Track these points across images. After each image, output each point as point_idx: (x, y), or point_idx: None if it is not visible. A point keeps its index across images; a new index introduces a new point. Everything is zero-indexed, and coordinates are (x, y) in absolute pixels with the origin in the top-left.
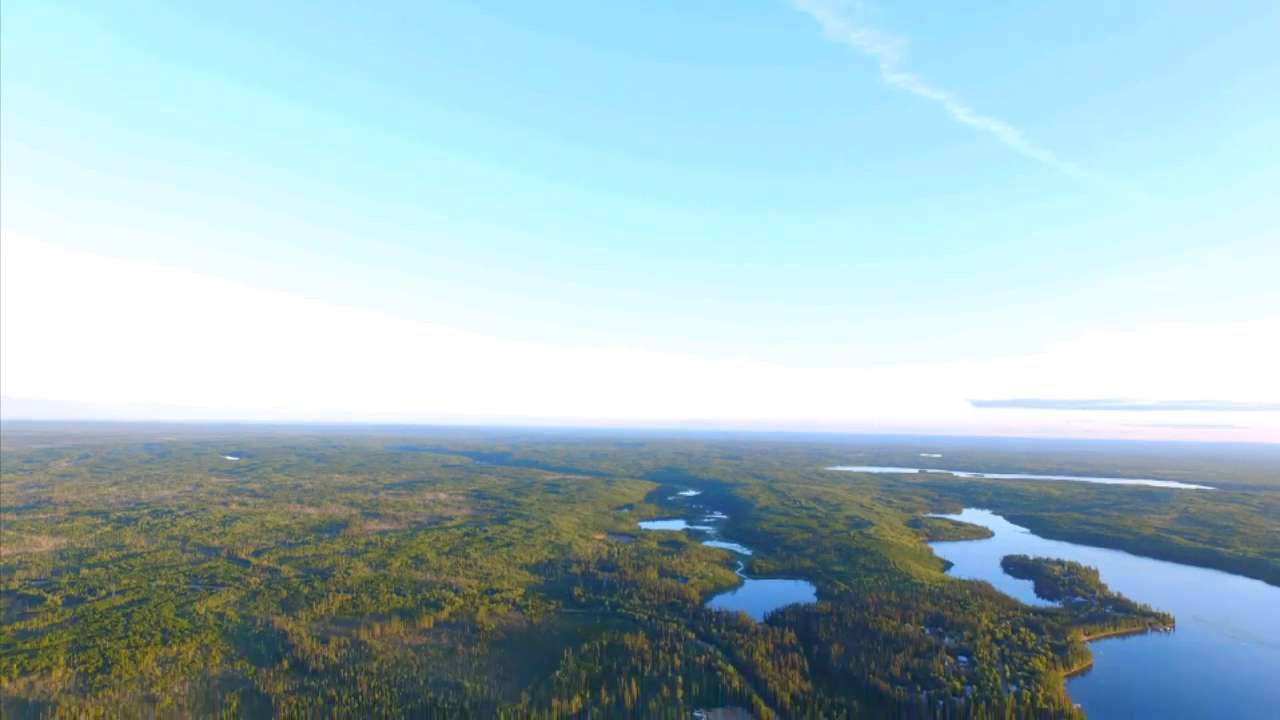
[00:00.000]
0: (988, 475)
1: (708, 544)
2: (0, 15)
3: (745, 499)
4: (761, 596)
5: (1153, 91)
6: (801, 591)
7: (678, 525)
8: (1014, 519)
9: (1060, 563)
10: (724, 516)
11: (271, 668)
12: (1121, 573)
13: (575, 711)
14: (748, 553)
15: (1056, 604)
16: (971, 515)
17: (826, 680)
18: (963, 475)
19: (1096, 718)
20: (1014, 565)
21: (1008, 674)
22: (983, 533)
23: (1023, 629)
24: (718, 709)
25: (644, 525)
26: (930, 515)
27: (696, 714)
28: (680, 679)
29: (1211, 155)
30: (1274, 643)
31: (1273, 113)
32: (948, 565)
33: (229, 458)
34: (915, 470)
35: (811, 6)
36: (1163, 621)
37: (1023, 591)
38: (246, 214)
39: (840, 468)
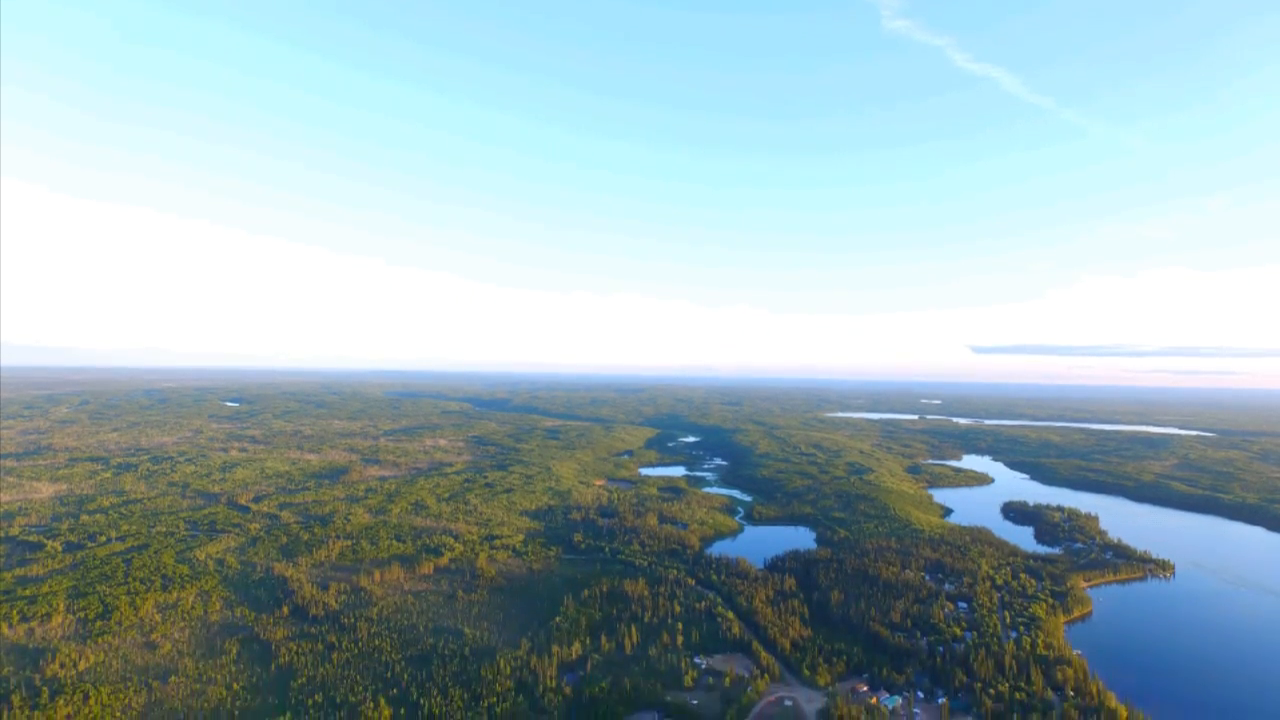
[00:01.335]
0: (988, 421)
1: (708, 490)
2: None
3: (745, 445)
4: (762, 543)
5: (1153, 38)
6: (801, 538)
7: (678, 471)
8: (1014, 465)
9: (1060, 509)
10: (724, 463)
11: (271, 614)
12: (1121, 519)
13: (575, 658)
14: (748, 499)
15: (1057, 550)
16: (971, 461)
17: (827, 626)
18: (963, 421)
19: (1097, 664)
20: (1014, 511)
21: (1008, 620)
22: (983, 479)
23: (1023, 575)
24: (718, 655)
25: (644, 471)
26: (930, 461)
27: (697, 660)
28: (680, 625)
29: (1212, 102)
30: (1274, 589)
31: (1273, 59)
32: (948, 511)
33: (229, 404)
34: (915, 416)
35: None
36: (1163, 568)
37: (1023, 538)
38: (246, 161)
39: (840, 414)
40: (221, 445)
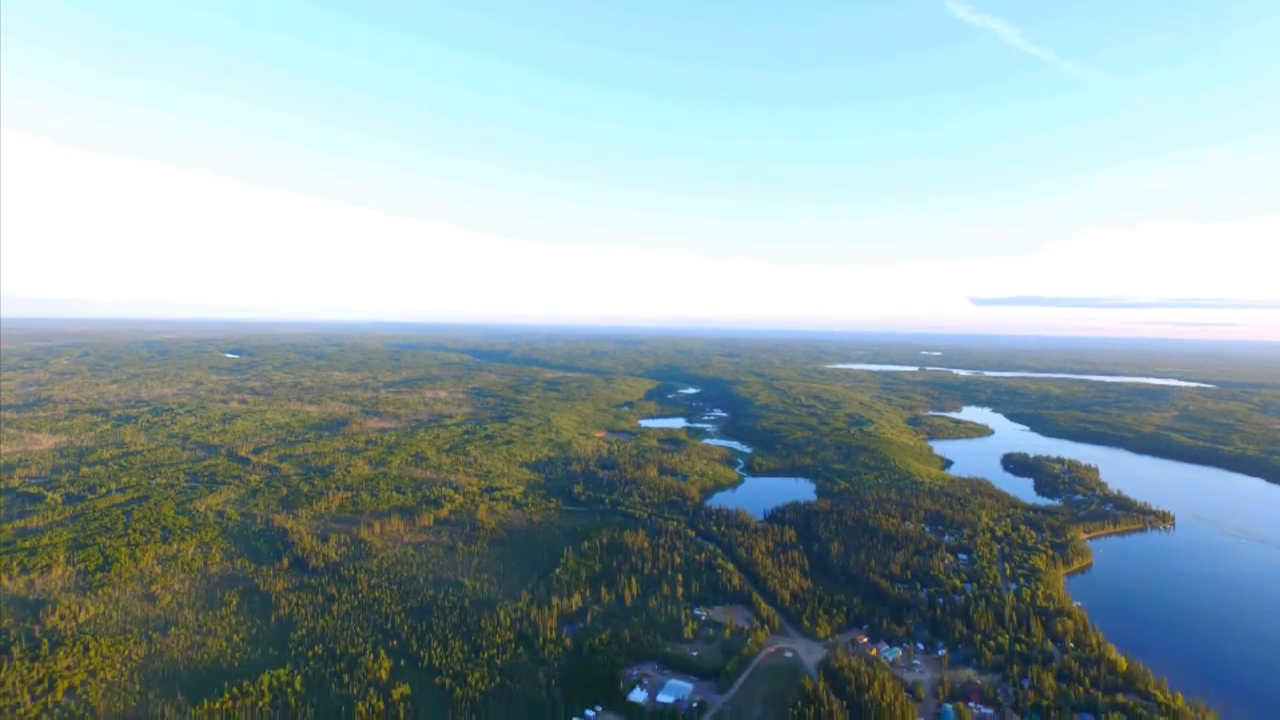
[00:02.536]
0: (988, 373)
1: (708, 442)
2: None
3: (745, 397)
4: (761, 494)
5: None
6: (801, 489)
7: (678, 423)
8: (1014, 417)
9: (1060, 460)
10: (724, 414)
11: (271, 565)
12: (1121, 470)
13: (575, 609)
14: (748, 450)
15: (1057, 502)
16: (971, 413)
17: (826, 578)
18: (963, 373)
19: (1097, 615)
20: (1014, 463)
21: (1008, 572)
22: (983, 430)
23: (1023, 527)
24: (718, 607)
25: (644, 423)
26: (930, 413)
27: (697, 612)
28: (680, 577)
29: (1212, 53)
30: (1273, 540)
31: (1273, 11)
32: (948, 463)
33: (229, 355)
34: (915, 368)
35: None
36: (1163, 519)
37: (1023, 489)
38: (247, 113)
39: (840, 365)
40: (221, 397)
